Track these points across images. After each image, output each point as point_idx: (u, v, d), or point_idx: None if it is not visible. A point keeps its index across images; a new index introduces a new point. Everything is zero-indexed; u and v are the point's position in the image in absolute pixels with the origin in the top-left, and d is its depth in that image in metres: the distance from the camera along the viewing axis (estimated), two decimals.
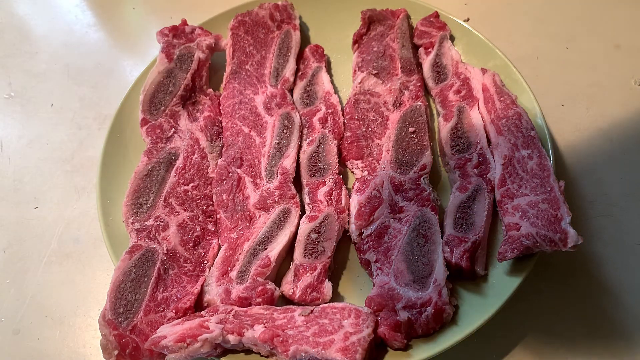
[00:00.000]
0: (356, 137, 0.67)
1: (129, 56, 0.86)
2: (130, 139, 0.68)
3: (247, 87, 0.72)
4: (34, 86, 0.83)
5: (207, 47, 0.74)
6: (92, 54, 0.86)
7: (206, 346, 0.50)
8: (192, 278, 0.58)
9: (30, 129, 0.78)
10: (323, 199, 0.62)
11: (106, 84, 0.82)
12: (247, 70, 0.74)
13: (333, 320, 0.51)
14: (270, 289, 0.55)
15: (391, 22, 0.77)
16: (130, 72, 0.84)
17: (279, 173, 0.64)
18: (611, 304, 0.59)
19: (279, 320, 0.52)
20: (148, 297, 0.55)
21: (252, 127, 0.68)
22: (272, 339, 0.49)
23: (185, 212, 0.62)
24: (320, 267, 0.57)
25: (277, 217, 0.60)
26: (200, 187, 0.64)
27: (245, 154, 0.66)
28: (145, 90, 0.69)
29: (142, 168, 0.64)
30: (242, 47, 0.75)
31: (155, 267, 0.57)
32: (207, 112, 0.70)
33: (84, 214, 0.69)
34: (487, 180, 0.61)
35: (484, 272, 0.56)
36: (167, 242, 0.59)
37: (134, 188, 0.62)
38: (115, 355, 0.51)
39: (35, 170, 0.74)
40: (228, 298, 0.55)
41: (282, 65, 0.74)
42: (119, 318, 0.53)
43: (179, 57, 0.72)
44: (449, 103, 0.69)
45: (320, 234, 0.59)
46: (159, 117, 0.68)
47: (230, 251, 0.59)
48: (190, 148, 0.66)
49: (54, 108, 0.80)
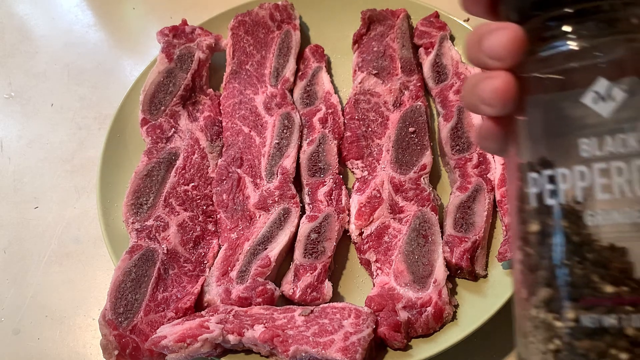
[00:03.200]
0: (356, 137, 0.67)
1: (129, 56, 0.86)
2: (130, 139, 0.68)
3: (247, 87, 0.72)
4: (34, 86, 0.83)
5: (207, 47, 0.74)
6: (92, 54, 0.86)
7: (206, 346, 0.50)
8: (192, 278, 0.58)
9: (30, 129, 0.78)
10: (323, 199, 0.62)
11: (106, 84, 0.82)
12: (247, 70, 0.74)
13: (333, 320, 0.51)
14: (271, 289, 0.55)
15: (391, 22, 0.77)
16: (130, 72, 0.83)
17: (279, 173, 0.64)
18: None
19: (279, 320, 0.52)
20: (148, 297, 0.55)
21: (252, 127, 0.68)
22: (272, 339, 0.49)
23: (185, 212, 0.62)
24: (321, 267, 0.57)
25: (277, 217, 0.60)
26: (200, 187, 0.64)
27: (246, 154, 0.66)
28: (145, 90, 0.69)
29: (142, 168, 0.64)
30: (242, 47, 0.75)
31: (156, 267, 0.57)
32: (207, 112, 0.70)
33: (84, 214, 0.69)
34: (487, 180, 0.61)
35: (485, 272, 0.56)
36: (167, 242, 0.59)
37: (134, 188, 0.62)
38: (116, 355, 0.51)
39: (35, 170, 0.74)
40: (228, 298, 0.55)
41: (282, 65, 0.74)
42: (119, 318, 0.53)
43: (179, 57, 0.72)
44: (449, 103, 0.69)
45: (320, 234, 0.59)
46: (159, 117, 0.68)
47: (230, 251, 0.59)
48: (190, 148, 0.66)
49: (54, 108, 0.80)
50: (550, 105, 0.30)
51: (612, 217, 0.27)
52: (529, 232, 0.30)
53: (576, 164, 0.28)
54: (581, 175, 0.28)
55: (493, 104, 0.30)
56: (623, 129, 0.27)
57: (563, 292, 0.28)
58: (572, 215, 0.28)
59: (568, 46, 0.28)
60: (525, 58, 0.29)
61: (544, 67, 0.29)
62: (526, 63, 0.30)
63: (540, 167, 0.30)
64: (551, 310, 0.28)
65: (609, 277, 0.28)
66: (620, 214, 0.27)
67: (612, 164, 0.27)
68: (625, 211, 0.27)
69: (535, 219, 0.30)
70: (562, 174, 0.28)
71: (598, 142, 0.27)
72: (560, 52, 0.28)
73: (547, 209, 0.29)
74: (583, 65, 0.28)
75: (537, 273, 0.29)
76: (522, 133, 0.31)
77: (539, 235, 0.29)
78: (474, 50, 0.31)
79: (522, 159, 0.31)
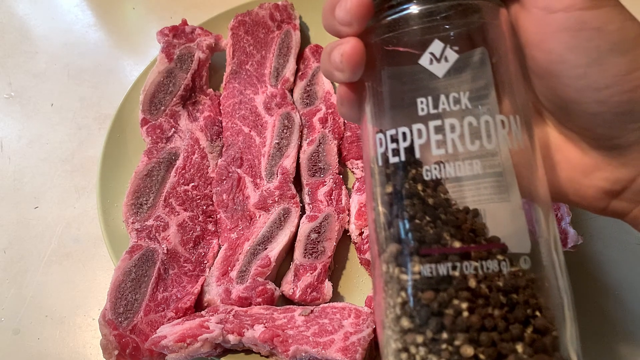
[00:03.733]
0: (356, 137, 0.67)
1: (129, 56, 0.86)
2: (130, 139, 0.68)
3: (247, 87, 0.72)
4: (34, 86, 0.83)
5: (207, 47, 0.74)
6: (92, 54, 0.86)
7: (206, 346, 0.50)
8: (192, 278, 0.58)
9: (30, 129, 0.78)
10: (323, 199, 0.62)
11: (106, 84, 0.82)
12: (247, 70, 0.74)
13: (333, 320, 0.51)
14: (271, 289, 0.55)
15: None
16: (130, 72, 0.83)
17: (279, 173, 0.64)
18: (611, 304, 0.59)
19: (279, 320, 0.52)
20: (148, 297, 0.55)
21: (252, 127, 0.68)
22: (272, 339, 0.49)
23: (185, 212, 0.62)
24: (321, 267, 0.57)
25: (277, 217, 0.60)
26: (200, 187, 0.64)
27: (246, 154, 0.66)
28: (145, 90, 0.69)
29: (142, 168, 0.64)
30: (242, 47, 0.75)
31: (156, 267, 0.57)
32: (207, 112, 0.70)
33: (84, 214, 0.69)
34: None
35: None
36: (167, 242, 0.59)
37: (134, 188, 0.62)
38: (116, 355, 0.51)
39: (35, 170, 0.74)
40: (228, 298, 0.55)
41: (282, 65, 0.74)
42: (119, 318, 0.53)
43: (179, 57, 0.72)
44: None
45: (320, 234, 0.59)
46: (159, 117, 0.68)
47: (230, 251, 0.59)
48: (190, 148, 0.66)
49: (54, 108, 0.80)
50: (394, 69, 0.31)
51: (447, 171, 0.29)
52: (377, 192, 0.31)
53: (414, 122, 0.30)
54: (419, 133, 0.29)
55: (343, 69, 0.32)
56: (455, 88, 0.29)
57: (407, 246, 0.29)
58: (413, 172, 0.30)
59: (408, 10, 0.30)
60: (374, 24, 0.31)
61: (388, 31, 0.31)
62: (374, 29, 0.32)
63: (384, 128, 0.31)
64: (398, 264, 0.30)
65: (453, 230, 0.29)
66: (452, 168, 0.29)
67: (446, 121, 0.29)
68: (458, 165, 0.29)
69: (382, 178, 0.31)
70: (402, 132, 0.30)
71: (433, 101, 0.29)
72: (402, 16, 0.30)
73: (392, 167, 0.31)
74: (421, 28, 0.30)
75: (386, 231, 0.31)
76: (370, 96, 0.33)
77: (387, 194, 0.31)
78: (328, 18, 0.33)
79: (371, 122, 0.33)
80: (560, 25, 0.30)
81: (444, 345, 0.27)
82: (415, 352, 0.28)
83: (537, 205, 0.31)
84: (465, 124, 0.29)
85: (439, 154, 0.29)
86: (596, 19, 0.29)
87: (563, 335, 0.29)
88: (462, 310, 0.27)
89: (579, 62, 0.30)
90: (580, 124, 0.34)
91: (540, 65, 0.32)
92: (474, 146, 0.29)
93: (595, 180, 0.35)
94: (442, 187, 0.30)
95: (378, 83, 0.32)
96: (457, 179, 0.29)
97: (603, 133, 0.33)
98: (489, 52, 0.31)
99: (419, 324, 0.28)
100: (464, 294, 0.28)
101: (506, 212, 0.31)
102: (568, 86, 0.32)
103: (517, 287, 0.28)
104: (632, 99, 0.31)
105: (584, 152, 0.35)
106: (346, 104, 0.35)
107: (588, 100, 0.32)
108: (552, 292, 0.30)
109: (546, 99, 0.35)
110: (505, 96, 0.31)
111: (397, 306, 0.29)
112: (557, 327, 0.29)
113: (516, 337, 0.27)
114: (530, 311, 0.28)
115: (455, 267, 0.28)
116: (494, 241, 0.30)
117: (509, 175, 0.30)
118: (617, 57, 0.30)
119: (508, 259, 0.29)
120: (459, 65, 0.30)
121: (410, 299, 0.29)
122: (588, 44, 0.30)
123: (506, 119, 0.30)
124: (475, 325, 0.27)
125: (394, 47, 0.31)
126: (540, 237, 0.31)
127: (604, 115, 0.32)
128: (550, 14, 0.30)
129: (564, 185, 0.37)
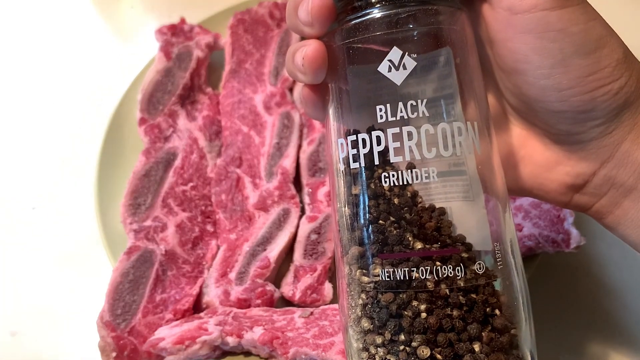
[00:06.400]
0: None
1: (127, 55, 0.86)
2: (128, 139, 0.68)
3: (246, 86, 0.71)
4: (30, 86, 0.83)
5: (206, 46, 0.73)
6: (90, 53, 0.86)
7: (205, 348, 0.49)
8: (190, 279, 0.57)
9: (30, 128, 0.78)
10: (323, 199, 0.61)
11: (106, 84, 0.82)
12: (247, 69, 0.73)
13: (333, 322, 0.51)
14: (270, 291, 0.55)
15: None
16: (129, 71, 0.83)
17: (279, 173, 0.63)
18: (614, 305, 0.58)
19: (278, 322, 0.51)
20: (146, 298, 0.54)
21: (252, 126, 0.68)
22: (271, 341, 0.49)
23: (183, 212, 0.61)
24: (321, 268, 0.56)
25: (277, 217, 0.60)
26: (198, 187, 0.64)
27: (245, 154, 0.65)
28: (143, 90, 0.68)
29: (140, 168, 0.63)
30: (241, 46, 0.75)
31: (154, 268, 0.56)
32: (206, 112, 0.69)
33: (83, 214, 0.69)
34: None
35: None
36: (166, 243, 0.58)
37: (132, 188, 0.61)
38: (113, 357, 0.51)
39: (33, 171, 0.74)
40: (227, 299, 0.55)
41: (282, 64, 0.74)
42: (117, 320, 0.52)
43: (178, 55, 0.71)
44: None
45: (320, 235, 0.59)
46: (157, 116, 0.67)
47: (229, 252, 0.58)
48: (188, 148, 0.65)
49: (50, 107, 0.80)
50: (355, 74, 0.32)
51: (404, 178, 0.30)
52: (340, 193, 0.32)
53: (373, 129, 0.30)
54: (377, 140, 0.30)
55: (305, 71, 0.32)
56: (413, 96, 0.30)
57: (368, 248, 0.30)
58: (373, 178, 0.31)
59: (370, 15, 0.30)
60: (337, 27, 0.32)
61: (350, 35, 0.31)
62: (337, 32, 0.32)
63: (346, 133, 0.32)
64: (359, 267, 0.31)
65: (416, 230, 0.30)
66: (409, 176, 0.30)
67: (404, 129, 0.29)
68: (415, 172, 0.30)
69: (345, 180, 0.32)
70: (362, 139, 0.30)
71: (392, 108, 0.30)
72: (363, 21, 0.30)
73: (353, 171, 0.32)
74: (382, 33, 0.30)
75: (349, 233, 0.32)
76: (333, 99, 0.33)
77: (351, 196, 0.32)
78: (292, 18, 0.33)
79: (333, 124, 0.33)
80: (525, 27, 0.30)
81: (401, 346, 0.28)
82: (375, 353, 0.29)
83: (497, 205, 0.32)
84: (422, 132, 0.29)
85: (397, 161, 0.30)
86: (560, 20, 0.30)
87: (520, 334, 0.30)
88: (421, 312, 0.28)
89: (544, 64, 0.31)
90: (543, 120, 0.35)
91: (505, 62, 0.33)
92: (431, 154, 0.29)
93: (557, 174, 0.36)
94: (410, 186, 0.31)
95: (341, 85, 0.33)
96: (418, 184, 0.30)
97: (565, 129, 0.34)
98: (449, 57, 0.31)
99: (378, 325, 0.29)
100: (422, 296, 0.28)
101: (469, 212, 0.31)
102: (532, 85, 0.32)
103: (477, 286, 0.29)
104: (593, 99, 0.31)
105: (547, 147, 0.36)
106: (310, 104, 0.35)
107: (551, 99, 0.32)
108: (511, 291, 0.31)
109: (511, 94, 0.35)
110: (465, 100, 0.32)
111: (358, 307, 0.30)
112: (516, 325, 0.30)
113: (474, 337, 0.28)
114: (489, 310, 0.29)
115: (414, 270, 0.28)
116: (459, 240, 0.30)
117: (472, 179, 0.31)
118: (580, 59, 0.30)
119: (470, 258, 0.30)
120: (418, 71, 0.30)
121: (370, 301, 0.30)
122: (552, 45, 0.30)
123: (464, 125, 0.30)
124: (433, 326, 0.28)
125: (354, 52, 0.31)
126: (500, 236, 0.31)
127: (565, 114, 0.32)
128: (515, 15, 0.30)
129: (528, 181, 0.38)
